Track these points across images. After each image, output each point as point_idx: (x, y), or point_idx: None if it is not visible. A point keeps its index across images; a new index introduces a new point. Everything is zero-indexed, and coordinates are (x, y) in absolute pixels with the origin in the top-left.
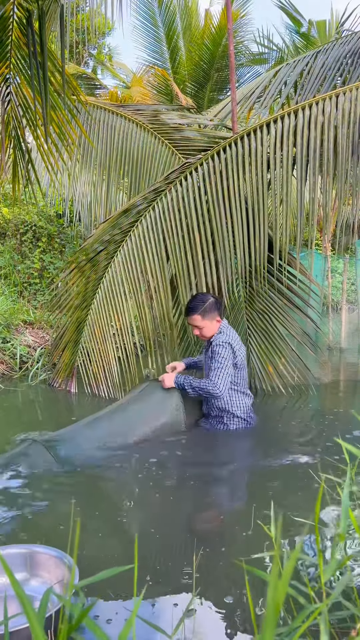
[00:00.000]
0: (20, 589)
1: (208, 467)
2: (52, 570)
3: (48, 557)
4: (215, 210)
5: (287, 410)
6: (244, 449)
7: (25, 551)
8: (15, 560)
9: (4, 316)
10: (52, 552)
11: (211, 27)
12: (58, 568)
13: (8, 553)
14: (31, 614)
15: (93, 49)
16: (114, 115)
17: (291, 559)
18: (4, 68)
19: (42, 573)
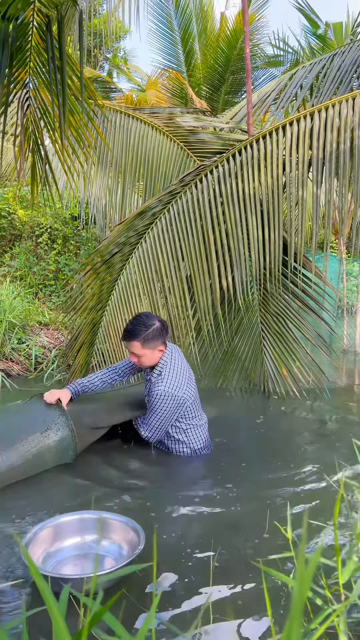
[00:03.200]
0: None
1: (221, 468)
2: (120, 533)
3: (116, 522)
4: (230, 212)
5: (301, 413)
6: (257, 451)
7: (97, 517)
8: (89, 524)
9: (20, 317)
10: (119, 518)
11: (226, 30)
12: (125, 532)
13: (83, 517)
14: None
15: (109, 53)
16: (129, 118)
17: (312, 561)
18: (23, 73)
19: (112, 535)
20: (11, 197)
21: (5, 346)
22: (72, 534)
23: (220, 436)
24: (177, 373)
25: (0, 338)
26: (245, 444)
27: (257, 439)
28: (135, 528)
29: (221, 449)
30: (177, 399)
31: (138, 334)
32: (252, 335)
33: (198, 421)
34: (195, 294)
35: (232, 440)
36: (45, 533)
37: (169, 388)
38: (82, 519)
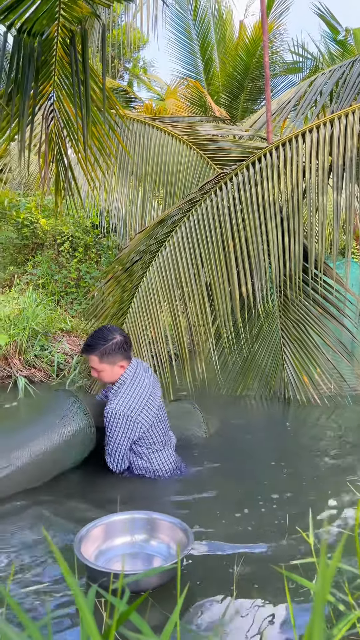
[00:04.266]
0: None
1: (241, 473)
2: (170, 533)
3: (166, 522)
4: (250, 219)
5: (322, 420)
6: (278, 457)
7: (146, 517)
8: (139, 523)
9: (42, 324)
10: (168, 518)
11: (245, 39)
12: (175, 532)
13: (134, 517)
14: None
15: (128, 63)
16: (149, 128)
17: (332, 564)
18: (48, 86)
19: (161, 536)
20: (34, 207)
21: (28, 353)
22: (122, 533)
23: (241, 442)
24: (135, 393)
25: (24, 345)
26: (266, 450)
27: (277, 445)
28: (184, 529)
29: (241, 455)
30: (128, 420)
31: (96, 347)
32: (272, 342)
33: (162, 446)
34: (215, 300)
35: (253, 447)
36: (97, 531)
37: (121, 407)
38: (133, 519)
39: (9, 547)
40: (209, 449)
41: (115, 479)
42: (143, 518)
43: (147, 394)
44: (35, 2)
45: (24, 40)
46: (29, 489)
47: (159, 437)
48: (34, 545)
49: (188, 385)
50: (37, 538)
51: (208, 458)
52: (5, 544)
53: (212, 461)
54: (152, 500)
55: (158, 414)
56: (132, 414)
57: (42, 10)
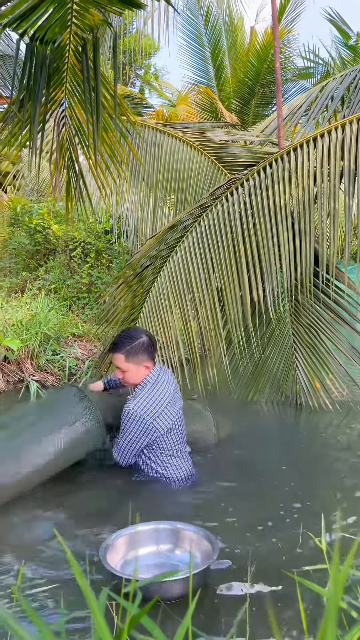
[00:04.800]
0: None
1: (253, 479)
2: (194, 543)
3: (191, 533)
4: (261, 224)
5: (334, 426)
6: (289, 463)
7: (171, 527)
8: (164, 533)
9: (54, 329)
10: (193, 528)
11: (256, 45)
12: (201, 542)
13: (158, 527)
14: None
15: (140, 70)
16: (160, 134)
17: (343, 570)
18: (59, 93)
19: (186, 545)
20: (46, 213)
21: (40, 358)
22: (147, 543)
23: (253, 448)
24: (154, 397)
25: (36, 350)
26: (277, 456)
27: (289, 451)
28: (209, 538)
29: (253, 460)
30: (144, 423)
31: (122, 346)
32: (284, 346)
33: (177, 453)
34: (226, 305)
35: (264, 452)
36: (121, 541)
37: (138, 409)
38: (158, 529)
39: (19, 547)
40: (220, 454)
41: (125, 484)
42: (168, 528)
43: (167, 400)
44: (48, 10)
45: (37, 48)
46: (37, 495)
47: (174, 444)
48: (44, 546)
49: (199, 390)
50: (47, 539)
51: (219, 463)
52: (15, 544)
53: (223, 466)
54: (165, 508)
55: (175, 422)
56: (148, 417)
57: (55, 18)
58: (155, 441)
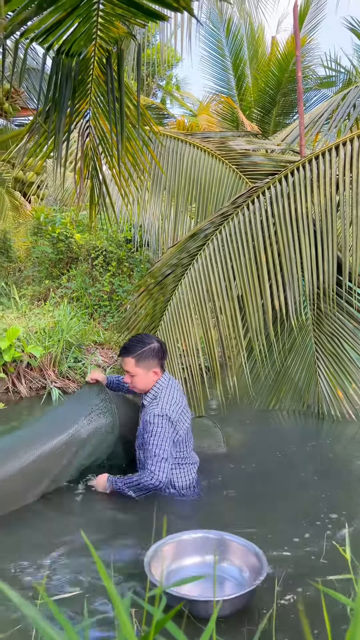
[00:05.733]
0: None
1: (275, 490)
2: (241, 556)
3: (237, 545)
4: (283, 232)
5: (358, 437)
6: (312, 473)
7: (217, 537)
8: (210, 543)
9: (76, 337)
10: (240, 541)
11: (277, 54)
12: (247, 556)
13: (204, 537)
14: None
15: (161, 81)
16: (182, 143)
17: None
18: (84, 104)
19: (232, 558)
20: (69, 222)
21: (62, 365)
22: (192, 553)
23: (274, 457)
24: (174, 401)
25: (58, 357)
26: (299, 465)
27: (311, 461)
28: (256, 552)
29: (275, 470)
30: (170, 420)
31: (133, 350)
32: (306, 355)
33: (187, 460)
34: (247, 313)
35: (285, 462)
36: (166, 550)
37: (163, 410)
38: (203, 538)
39: (43, 549)
40: (240, 463)
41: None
42: (213, 538)
43: (183, 405)
44: (73, 24)
45: (62, 61)
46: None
47: (185, 451)
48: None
49: (219, 398)
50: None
51: (239, 472)
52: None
53: (243, 475)
54: (186, 518)
55: (188, 430)
56: (174, 414)
57: (80, 32)
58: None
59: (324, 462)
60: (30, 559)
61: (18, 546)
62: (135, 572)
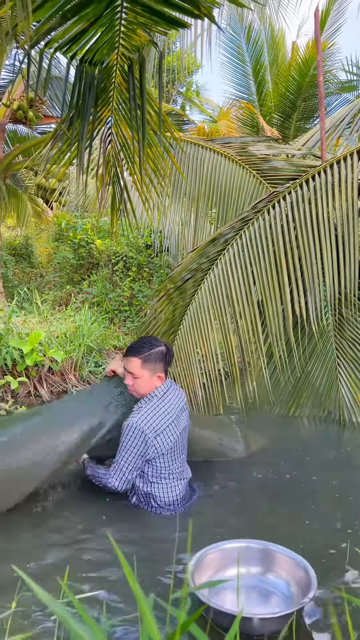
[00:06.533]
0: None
1: (294, 498)
2: (288, 569)
3: (284, 557)
4: (304, 237)
5: None
6: (332, 479)
7: (262, 547)
8: (255, 554)
9: (97, 341)
10: (287, 552)
11: (298, 59)
12: (295, 570)
13: (249, 546)
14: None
15: (182, 87)
16: (202, 149)
17: None
18: (106, 111)
19: (279, 570)
20: (90, 228)
21: (83, 369)
22: (235, 563)
23: (293, 465)
24: (159, 413)
25: (79, 361)
26: (319, 473)
27: (331, 468)
28: (304, 566)
29: (295, 477)
30: (144, 437)
31: (140, 350)
32: (327, 361)
33: (173, 475)
34: (267, 319)
35: (305, 470)
36: (210, 559)
37: (141, 422)
38: (248, 548)
39: (63, 548)
40: (258, 470)
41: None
42: (258, 548)
43: (172, 418)
44: (97, 33)
45: (86, 69)
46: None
47: (169, 466)
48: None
49: (239, 403)
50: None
51: (258, 479)
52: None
53: (262, 482)
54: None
55: (176, 443)
56: (149, 432)
57: (103, 41)
58: (150, 462)
59: (343, 469)
60: (49, 557)
61: (33, 544)
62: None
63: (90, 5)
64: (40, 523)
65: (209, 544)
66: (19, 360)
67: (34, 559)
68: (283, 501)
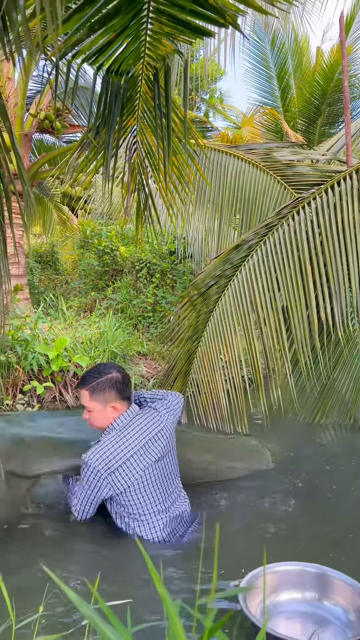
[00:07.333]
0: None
1: (318, 508)
2: (346, 597)
3: (342, 583)
4: (329, 243)
5: None
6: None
7: (318, 571)
8: (310, 578)
9: (121, 347)
10: (345, 578)
11: (322, 64)
12: (353, 595)
13: (304, 570)
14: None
15: (205, 94)
16: (226, 156)
17: None
18: (131, 120)
19: (336, 597)
20: (114, 235)
21: None
22: (290, 587)
23: (318, 473)
24: (115, 447)
25: None
26: (345, 481)
27: (357, 477)
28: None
29: (318, 487)
30: (97, 475)
31: (87, 381)
32: (353, 368)
33: (147, 516)
34: (292, 325)
35: (330, 477)
36: (260, 582)
37: (93, 459)
38: (303, 572)
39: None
40: (283, 478)
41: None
42: (314, 572)
43: (133, 450)
44: (123, 44)
45: (112, 79)
46: None
47: (139, 503)
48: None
49: (263, 411)
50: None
51: (282, 489)
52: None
53: (285, 492)
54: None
55: (143, 478)
56: (102, 470)
57: (129, 51)
58: (114, 498)
59: None
60: (77, 565)
61: (58, 549)
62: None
63: (116, 17)
64: (61, 528)
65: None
66: (44, 366)
67: (56, 563)
68: (304, 512)
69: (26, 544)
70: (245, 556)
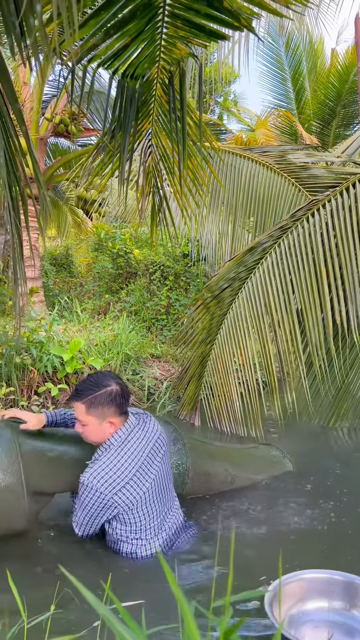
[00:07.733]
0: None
1: (331, 511)
2: None
3: None
4: (344, 245)
5: None
6: None
7: (347, 580)
8: (338, 586)
9: (134, 350)
10: None
11: (337, 65)
12: None
13: (332, 579)
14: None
15: (219, 97)
16: (240, 158)
17: None
18: (146, 124)
19: None
20: (128, 238)
21: (121, 377)
22: (317, 596)
23: (333, 477)
24: (117, 466)
25: (117, 369)
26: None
27: None
28: None
29: (334, 490)
30: (101, 497)
31: (84, 394)
32: None
33: (149, 531)
34: (306, 328)
35: (345, 481)
36: (288, 588)
37: (94, 480)
38: (330, 580)
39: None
40: (297, 483)
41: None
42: (342, 580)
43: (136, 467)
44: (138, 48)
45: (127, 84)
46: None
47: (141, 521)
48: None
49: (277, 414)
50: None
51: (297, 493)
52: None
53: (300, 496)
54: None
55: (147, 494)
56: (106, 491)
57: (144, 55)
58: (117, 517)
59: None
60: (88, 566)
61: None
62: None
63: (132, 21)
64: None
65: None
66: (59, 368)
67: (66, 563)
68: (323, 516)
69: (42, 552)
70: (264, 565)
